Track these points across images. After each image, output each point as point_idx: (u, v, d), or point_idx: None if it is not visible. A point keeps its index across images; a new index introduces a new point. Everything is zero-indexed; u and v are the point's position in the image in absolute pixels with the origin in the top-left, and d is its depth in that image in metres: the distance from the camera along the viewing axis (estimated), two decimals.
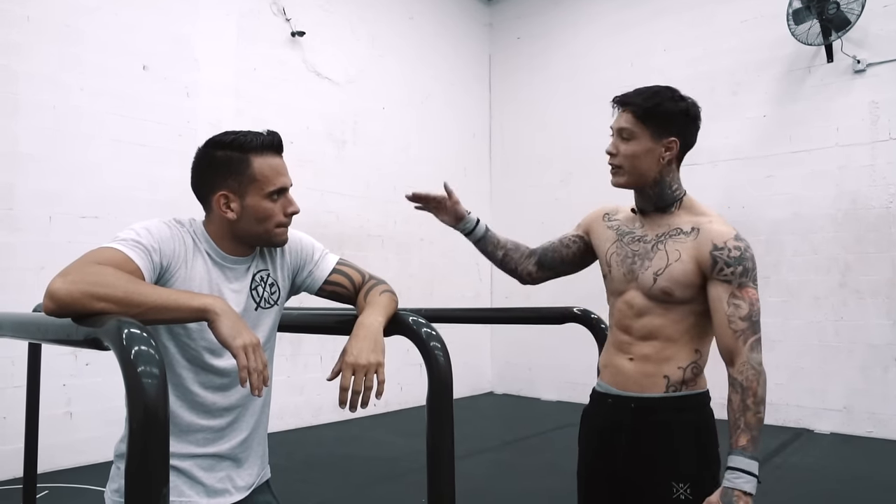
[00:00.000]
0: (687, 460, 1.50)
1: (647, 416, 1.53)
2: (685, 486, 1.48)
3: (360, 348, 1.20)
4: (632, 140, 1.56)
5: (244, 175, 1.28)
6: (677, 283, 1.50)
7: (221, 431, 1.32)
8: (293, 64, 5.61)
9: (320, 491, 3.81)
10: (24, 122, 4.04)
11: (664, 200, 1.60)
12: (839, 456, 4.60)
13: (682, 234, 1.55)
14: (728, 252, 1.47)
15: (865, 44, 5.16)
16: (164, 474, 0.83)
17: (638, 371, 1.55)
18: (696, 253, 1.50)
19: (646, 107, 1.53)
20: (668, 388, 1.52)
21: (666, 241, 1.55)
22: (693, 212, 1.60)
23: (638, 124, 1.54)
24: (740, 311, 1.45)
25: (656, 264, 1.54)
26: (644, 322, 1.55)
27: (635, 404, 1.55)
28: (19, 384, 3.27)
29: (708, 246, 1.49)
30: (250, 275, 1.37)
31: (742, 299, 1.46)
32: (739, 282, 1.46)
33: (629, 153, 1.56)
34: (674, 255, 1.52)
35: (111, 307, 1.02)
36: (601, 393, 1.65)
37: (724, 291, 1.47)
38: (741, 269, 1.47)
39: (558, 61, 6.99)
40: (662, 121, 1.54)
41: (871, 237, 5.10)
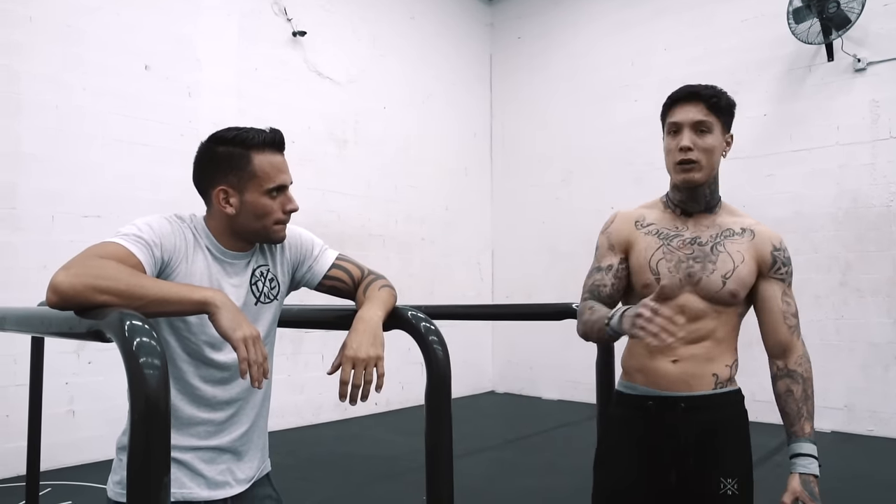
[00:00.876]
0: (735, 456, 1.52)
1: (698, 414, 1.51)
2: (733, 482, 1.49)
3: (359, 342, 1.21)
4: (709, 133, 1.52)
5: (244, 171, 1.29)
6: (744, 284, 1.52)
7: (222, 425, 1.33)
8: (294, 64, 5.63)
9: (321, 489, 3.82)
10: (26, 122, 4.06)
11: (714, 200, 1.59)
12: (840, 454, 4.60)
13: (737, 235, 1.55)
14: (784, 252, 1.56)
15: (866, 42, 5.16)
16: (166, 463, 0.84)
17: (684, 372, 1.52)
18: (755, 253, 1.54)
19: (721, 98, 1.52)
20: (717, 386, 1.53)
21: (724, 243, 1.53)
22: (734, 213, 1.62)
23: (713, 116, 1.52)
24: (791, 308, 1.54)
25: (722, 267, 1.52)
26: (697, 326, 1.51)
27: (685, 403, 1.51)
28: (22, 382, 3.29)
29: (768, 246, 1.55)
30: (250, 270, 1.38)
31: (791, 297, 1.56)
32: (790, 281, 1.57)
33: (708, 147, 1.51)
34: (738, 258, 1.52)
35: (113, 300, 1.03)
36: (636, 396, 1.57)
37: (779, 289, 1.54)
38: (791, 269, 1.57)
39: (559, 61, 7.00)
40: (730, 115, 1.56)
41: (872, 236, 5.11)
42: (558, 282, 6.59)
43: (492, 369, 7.39)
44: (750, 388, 6.52)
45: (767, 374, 1.61)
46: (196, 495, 1.30)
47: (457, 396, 6.80)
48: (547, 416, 6.09)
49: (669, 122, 1.56)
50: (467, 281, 7.11)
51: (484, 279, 7.36)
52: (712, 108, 1.51)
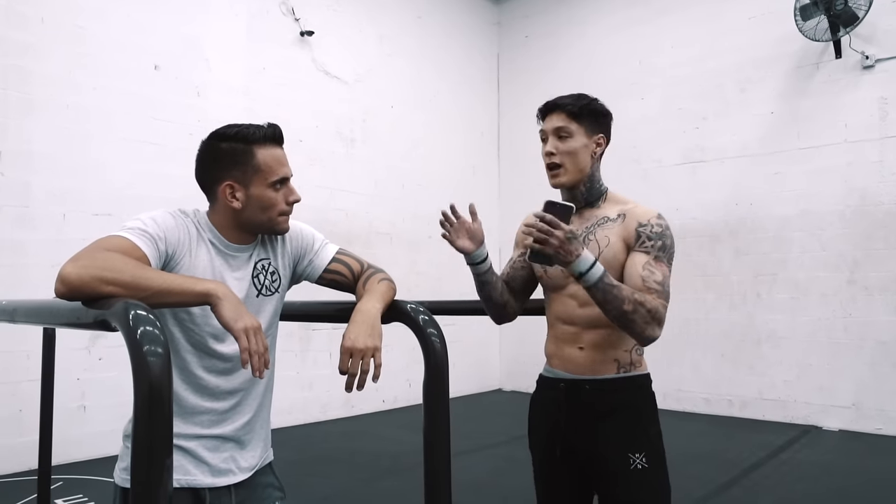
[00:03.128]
0: (640, 433, 1.61)
1: (602, 396, 1.62)
2: (641, 456, 1.58)
3: (357, 333, 1.24)
4: (569, 138, 1.65)
5: (248, 165, 1.33)
6: (610, 266, 1.58)
7: (225, 414, 1.37)
8: (302, 63, 5.67)
9: (328, 485, 3.86)
10: (38, 122, 4.12)
11: (593, 195, 1.70)
12: (848, 453, 4.58)
13: (610, 221, 1.64)
14: (651, 228, 1.60)
15: (874, 39, 5.14)
16: (168, 446, 0.87)
17: (589, 358, 1.64)
18: (623, 233, 1.61)
19: (579, 105, 1.65)
20: (620, 370, 1.63)
21: (595, 231, 1.64)
22: (618, 202, 1.70)
23: (572, 122, 1.65)
24: (654, 276, 1.54)
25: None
26: (588, 311, 1.62)
27: (590, 386, 1.63)
28: (34, 378, 3.35)
29: (633, 224, 1.61)
30: (252, 263, 1.41)
31: (656, 269, 1.55)
32: (656, 255, 1.57)
33: (569, 150, 1.65)
34: (603, 242, 1.62)
35: (119, 291, 1.06)
36: (552, 378, 1.72)
37: (642, 258, 1.56)
38: (660, 244, 1.58)
39: (566, 59, 7.01)
40: (592, 118, 1.67)
41: (880, 233, 5.08)
42: None
43: (499, 367, 7.41)
44: (757, 386, 6.51)
45: (775, 374, 1.62)
46: (200, 482, 1.33)
47: (464, 394, 6.84)
48: None
49: (540, 132, 1.73)
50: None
51: None
52: (571, 115, 1.65)
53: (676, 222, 5.59)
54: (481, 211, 1.81)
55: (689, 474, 3.96)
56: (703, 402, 5.82)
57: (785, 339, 5.41)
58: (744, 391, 5.62)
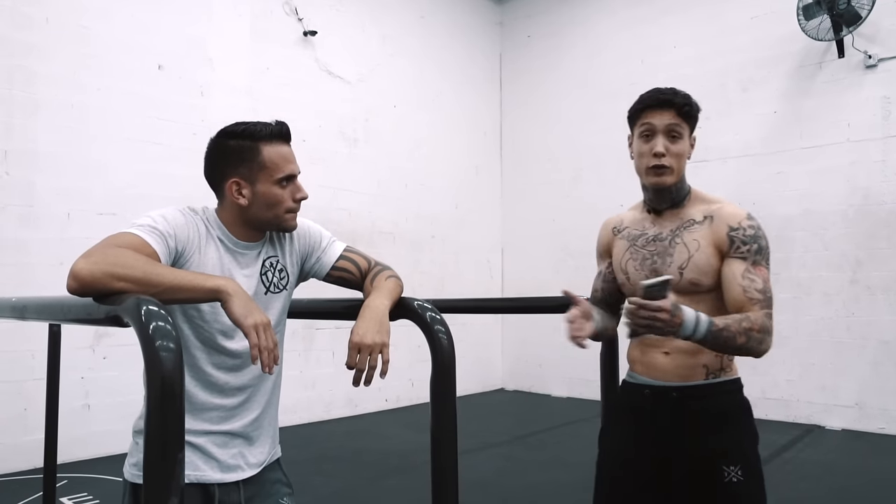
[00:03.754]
0: (733, 443, 1.53)
1: (690, 404, 1.54)
2: (736, 469, 1.49)
3: (365, 329, 1.25)
4: (679, 139, 1.57)
5: (255, 162, 1.34)
6: (701, 271, 1.53)
7: (234, 410, 1.38)
8: (305, 63, 5.68)
9: (332, 483, 3.87)
10: (43, 122, 4.13)
11: (680, 196, 1.63)
12: (850, 452, 4.58)
13: (696, 224, 1.58)
14: (744, 231, 1.53)
15: (877, 39, 5.14)
16: (180, 441, 0.88)
17: (676, 364, 1.56)
18: (713, 238, 1.54)
19: (690, 104, 1.56)
20: (709, 376, 1.55)
21: (682, 234, 1.58)
22: (703, 201, 1.63)
23: (683, 121, 1.57)
24: (755, 284, 1.48)
25: (678, 258, 1.57)
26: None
27: (677, 393, 1.55)
28: (39, 377, 3.36)
29: (724, 228, 1.54)
30: (260, 260, 1.42)
31: (756, 275, 1.50)
32: (754, 259, 1.51)
33: (679, 152, 1.57)
34: (693, 246, 1.55)
35: (130, 286, 1.08)
36: (636, 384, 1.64)
37: (740, 266, 1.50)
38: (756, 246, 1.51)
39: (569, 59, 7.01)
40: (695, 119, 1.60)
41: (883, 233, 5.08)
42: (568, 280, 6.55)
43: (501, 367, 7.41)
44: (760, 386, 6.53)
45: (778, 373, 1.60)
46: (209, 477, 1.34)
47: (467, 394, 6.85)
48: (555, 413, 6.11)
49: (642, 124, 1.60)
50: (477, 279, 7.14)
51: (494, 277, 7.38)
52: (683, 115, 1.56)
53: None
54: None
55: None
56: None
57: (788, 339, 5.40)
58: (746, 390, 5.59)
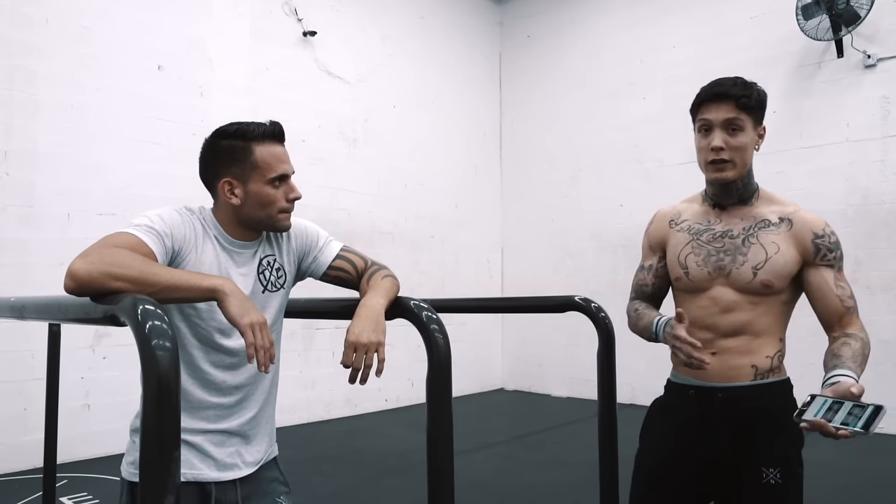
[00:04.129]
0: (776, 445, 1.52)
1: (736, 404, 1.53)
2: (775, 471, 1.49)
3: (361, 328, 1.26)
4: (740, 131, 1.53)
5: (247, 162, 1.34)
6: (778, 274, 1.52)
7: (231, 409, 1.38)
8: (305, 63, 5.69)
9: (332, 483, 3.87)
10: (43, 122, 4.14)
11: (748, 192, 1.60)
12: (849, 452, 4.57)
13: (773, 226, 1.55)
14: (829, 238, 1.53)
15: (876, 39, 5.14)
16: (176, 439, 0.88)
17: (723, 364, 1.55)
18: (797, 243, 1.53)
19: (751, 95, 1.53)
20: (757, 377, 1.54)
21: (757, 234, 1.55)
22: (773, 202, 1.60)
23: (743, 113, 1.52)
24: (846, 291, 1.51)
25: (753, 258, 1.54)
26: (731, 318, 1.55)
27: (723, 394, 1.54)
28: (39, 377, 3.36)
29: (808, 235, 1.53)
30: (257, 259, 1.43)
31: (844, 282, 1.53)
32: (839, 266, 1.53)
33: (740, 145, 1.53)
34: (772, 248, 1.53)
35: (127, 286, 1.08)
36: (680, 384, 1.63)
37: (830, 275, 1.51)
38: (840, 253, 1.54)
39: (568, 59, 7.02)
40: (759, 108, 1.55)
41: (883, 233, 5.09)
42: (568, 279, 6.61)
43: (501, 367, 7.42)
44: None
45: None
46: (206, 476, 1.35)
47: (467, 393, 6.85)
48: (555, 412, 6.11)
49: (700, 119, 1.57)
50: (477, 279, 7.15)
51: (493, 277, 7.39)
52: (742, 107, 1.52)
53: None
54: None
55: None
56: None
57: (787, 339, 5.40)
58: None
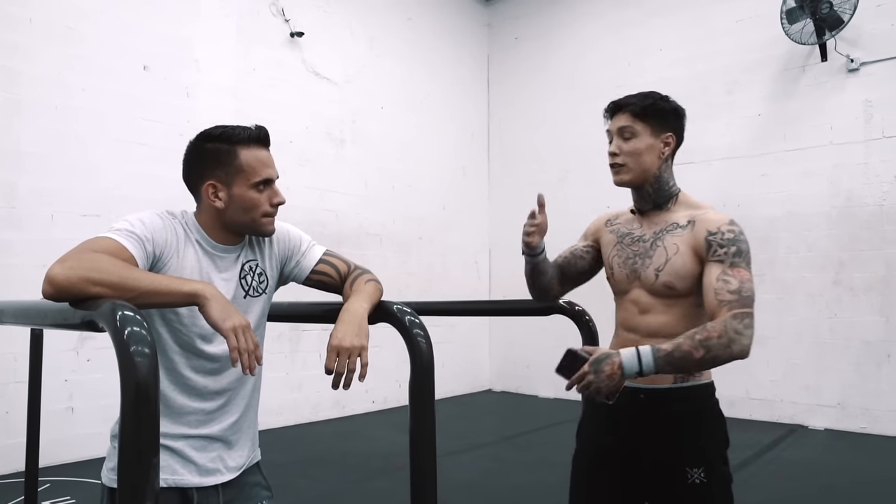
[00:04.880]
0: (699, 445, 1.55)
1: (657, 406, 1.56)
2: (699, 471, 1.52)
3: (344, 332, 1.26)
4: (633, 138, 1.63)
5: (231, 166, 1.34)
6: (677, 275, 1.55)
7: (212, 414, 1.38)
8: (292, 64, 5.67)
9: (319, 486, 3.87)
10: (26, 122, 4.10)
11: (662, 197, 1.66)
12: (833, 451, 4.64)
13: (679, 228, 1.60)
14: (722, 235, 1.53)
15: (859, 43, 5.20)
16: (155, 445, 0.88)
17: None
18: (692, 242, 1.56)
19: (643, 105, 1.63)
20: (676, 380, 1.56)
21: (664, 237, 1.60)
22: (689, 206, 1.65)
23: (637, 122, 1.62)
24: (729, 285, 1.47)
25: (656, 261, 1.59)
26: (649, 320, 1.59)
27: (644, 395, 1.57)
28: (21, 380, 3.32)
29: (703, 233, 1.55)
30: (239, 264, 1.42)
31: (732, 276, 1.48)
32: (732, 261, 1.50)
33: (631, 150, 1.63)
34: (672, 249, 1.57)
35: (106, 291, 1.07)
36: None
37: (717, 269, 1.50)
38: (734, 249, 1.51)
39: (556, 61, 7.04)
40: (659, 117, 1.63)
41: (865, 235, 5.14)
42: None
43: (489, 368, 7.43)
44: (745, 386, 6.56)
45: (762, 373, 1.61)
46: (187, 481, 1.34)
47: (454, 395, 6.85)
48: (542, 413, 6.13)
49: (606, 132, 1.71)
50: (465, 280, 7.15)
51: (481, 278, 7.40)
52: (636, 115, 1.62)
53: None
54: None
55: None
56: None
57: (772, 339, 5.45)
58: (731, 391, 5.65)
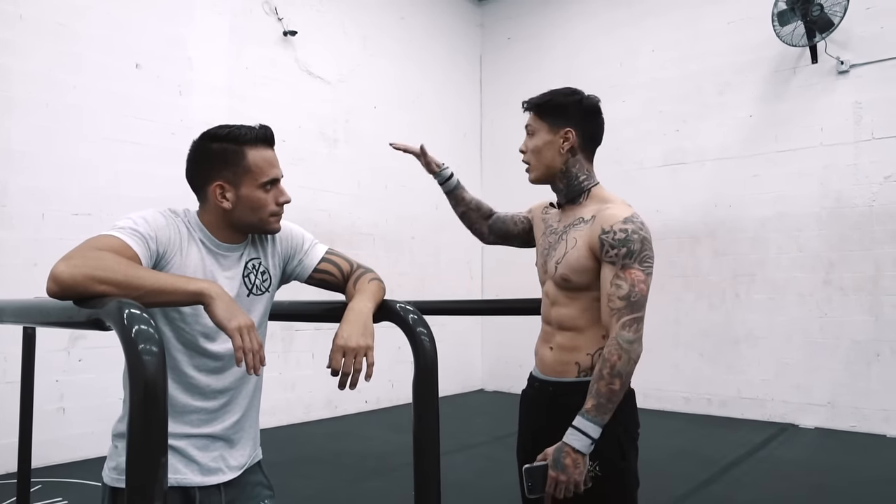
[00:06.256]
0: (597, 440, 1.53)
1: (560, 399, 1.61)
2: (594, 464, 1.51)
3: (350, 332, 1.25)
4: (534, 135, 1.69)
5: (239, 166, 1.33)
6: (572, 268, 1.58)
7: (215, 413, 1.37)
8: (285, 63, 5.65)
9: (312, 485, 3.85)
10: (17, 120, 4.06)
11: (572, 192, 1.69)
12: (823, 450, 4.68)
13: (583, 223, 1.61)
14: (613, 235, 1.52)
15: (849, 45, 5.25)
16: (163, 445, 0.87)
17: (556, 359, 1.64)
18: (588, 238, 1.57)
19: (539, 103, 1.68)
20: (580, 374, 1.59)
21: (569, 231, 1.64)
22: (598, 200, 1.65)
23: (536, 120, 1.69)
24: (620, 290, 1.49)
25: (557, 254, 1.65)
26: (556, 311, 1.65)
27: (553, 388, 1.64)
28: (11, 380, 3.30)
29: (597, 231, 1.55)
30: (243, 262, 1.42)
31: (624, 280, 1.50)
32: (623, 263, 1.50)
33: (532, 147, 1.69)
34: (570, 243, 1.61)
35: (112, 290, 1.06)
36: (532, 377, 1.77)
37: (610, 272, 1.51)
38: (625, 250, 1.50)
39: (549, 61, 7.06)
40: (554, 113, 1.67)
41: (855, 235, 5.19)
42: None
43: (481, 368, 7.44)
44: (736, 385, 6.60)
45: (753, 373, 1.64)
46: (190, 481, 1.34)
47: (447, 395, 6.85)
48: None
49: None
50: (457, 280, 7.15)
51: (474, 278, 7.41)
52: (536, 113, 1.69)
53: (657, 223, 5.66)
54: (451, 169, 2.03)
55: (669, 472, 4.02)
56: (682, 401, 5.90)
57: (762, 339, 5.49)
58: (722, 390, 5.70)
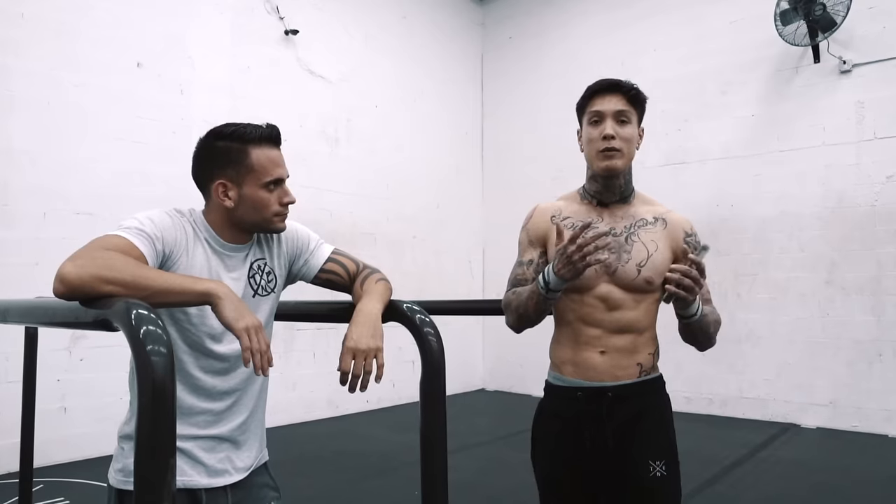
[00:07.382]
0: (660, 439, 1.58)
1: (624, 402, 1.55)
2: (661, 464, 1.54)
3: (359, 334, 1.25)
4: (628, 123, 1.57)
5: (242, 165, 1.32)
6: (657, 272, 1.55)
7: (221, 414, 1.36)
8: (287, 62, 5.64)
9: (313, 485, 3.85)
10: (18, 119, 4.05)
11: (628, 189, 1.65)
12: (825, 450, 4.67)
13: (649, 225, 1.60)
14: (695, 237, 1.62)
15: (851, 45, 5.24)
16: (172, 446, 0.87)
17: (611, 363, 1.56)
18: (671, 242, 1.59)
19: (638, 91, 1.58)
20: (641, 374, 1.58)
21: (638, 233, 1.58)
22: (647, 202, 1.67)
23: (631, 108, 1.58)
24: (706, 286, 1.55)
25: (637, 256, 1.56)
26: (618, 315, 1.55)
27: (612, 393, 1.55)
28: (14, 380, 3.29)
29: (681, 233, 1.60)
30: (248, 263, 1.41)
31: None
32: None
33: (628, 136, 1.57)
34: (652, 246, 1.57)
35: (119, 290, 1.06)
36: (565, 387, 1.60)
37: None
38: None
39: (550, 61, 7.05)
40: (643, 109, 1.63)
41: (857, 235, 5.19)
42: None
43: (482, 367, 7.43)
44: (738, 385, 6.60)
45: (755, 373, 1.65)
46: (196, 482, 1.33)
47: (448, 394, 6.79)
48: None
49: (591, 112, 1.59)
50: (458, 279, 7.15)
51: (475, 277, 7.40)
52: (631, 100, 1.57)
53: None
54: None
55: None
56: (684, 401, 5.88)
57: (764, 339, 5.49)
58: (724, 390, 5.69)
